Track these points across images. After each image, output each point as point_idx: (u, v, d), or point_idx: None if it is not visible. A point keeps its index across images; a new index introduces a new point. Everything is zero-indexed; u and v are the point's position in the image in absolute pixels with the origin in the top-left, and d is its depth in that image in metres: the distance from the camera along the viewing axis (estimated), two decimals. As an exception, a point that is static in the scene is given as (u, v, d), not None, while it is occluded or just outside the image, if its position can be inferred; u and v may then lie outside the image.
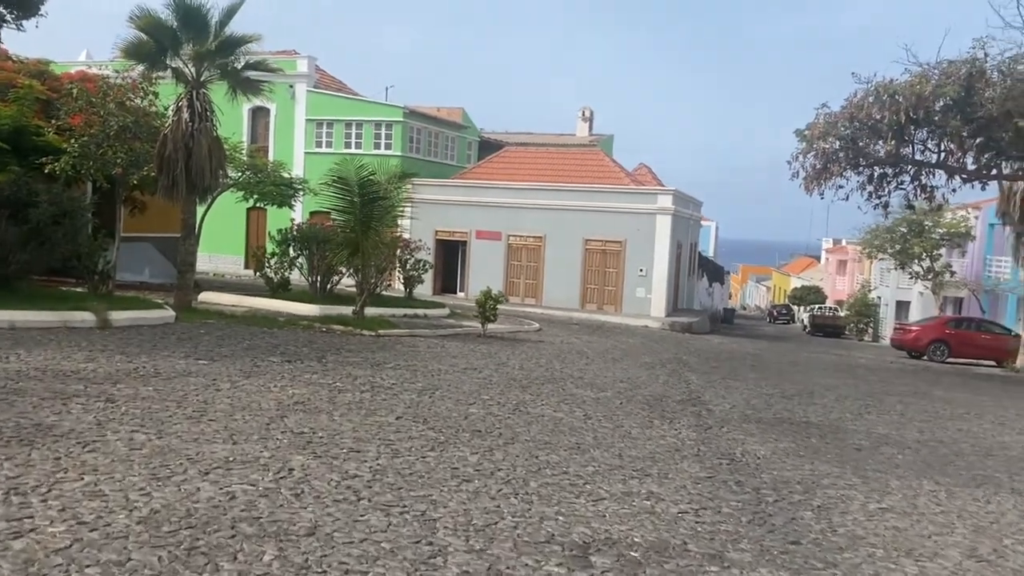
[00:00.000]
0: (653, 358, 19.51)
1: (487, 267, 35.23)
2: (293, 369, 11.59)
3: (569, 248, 34.53)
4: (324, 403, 9.24)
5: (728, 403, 13.01)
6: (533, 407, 10.47)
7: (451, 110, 44.55)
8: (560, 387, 12.75)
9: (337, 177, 17.60)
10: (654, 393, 13.22)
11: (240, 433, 7.36)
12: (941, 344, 31.00)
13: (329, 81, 43.42)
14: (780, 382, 17.11)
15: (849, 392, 16.55)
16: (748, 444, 9.50)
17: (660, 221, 34.08)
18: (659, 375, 15.94)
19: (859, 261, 57.99)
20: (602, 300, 34.68)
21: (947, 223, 41.24)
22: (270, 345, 14.04)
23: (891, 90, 19.92)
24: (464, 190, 36.45)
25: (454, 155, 42.93)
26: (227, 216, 35.73)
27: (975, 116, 19.65)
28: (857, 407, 14.20)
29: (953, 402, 16.58)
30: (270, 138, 40.71)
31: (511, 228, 35.42)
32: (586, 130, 50.54)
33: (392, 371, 12.48)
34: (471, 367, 13.99)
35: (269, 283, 22.70)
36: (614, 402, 11.81)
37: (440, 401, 10.13)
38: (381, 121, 38.94)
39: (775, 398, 14.27)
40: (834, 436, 10.87)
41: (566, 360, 16.86)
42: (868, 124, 20.61)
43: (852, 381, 19.07)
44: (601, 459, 7.85)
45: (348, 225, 18.15)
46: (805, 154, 22.73)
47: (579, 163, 38.72)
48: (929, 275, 42.57)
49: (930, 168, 23.36)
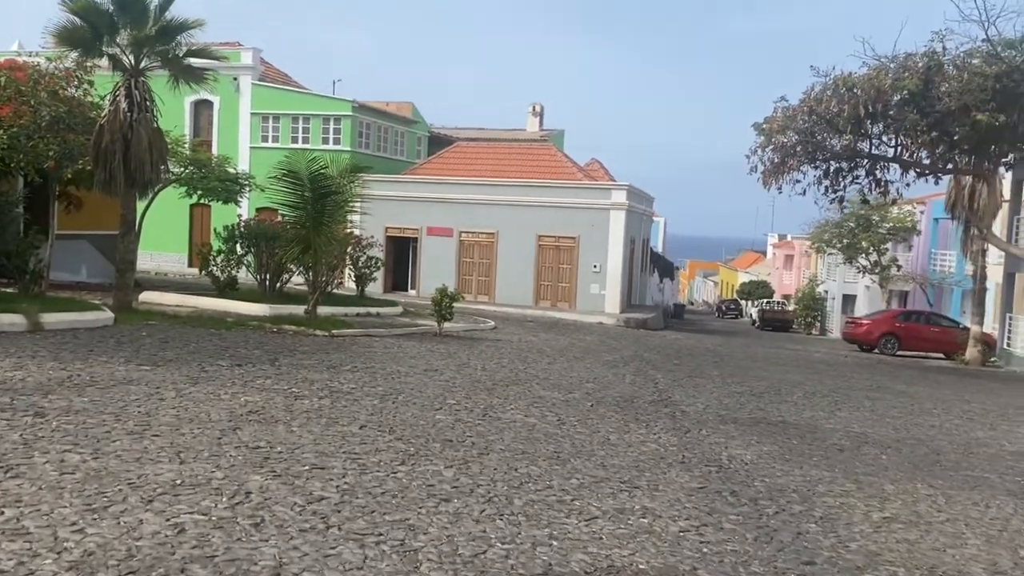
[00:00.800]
0: (614, 356, 19.08)
1: (439, 264, 34.54)
2: (244, 374, 10.81)
3: (522, 244, 34.00)
4: (280, 412, 8.52)
5: (700, 403, 12.58)
6: (502, 412, 9.88)
7: (400, 104, 43.67)
8: (527, 389, 12.18)
9: (287, 171, 16.75)
10: (623, 394, 12.74)
11: (188, 450, 6.62)
12: (892, 337, 31.23)
13: (275, 74, 42.22)
14: (745, 379, 16.80)
15: (815, 388, 16.32)
16: (732, 448, 9.04)
17: (614, 217, 33.73)
18: (624, 374, 15.48)
19: (808, 255, 58.55)
20: (556, 297, 34.23)
21: (894, 218, 41.71)
22: (218, 347, 13.21)
23: (850, 83, 19.76)
24: (415, 186, 35.67)
25: (404, 150, 42.07)
26: (169, 213, 34.44)
27: (932, 110, 19.60)
28: (827, 404, 13.92)
29: (917, 397, 16.45)
30: (214, 132, 39.39)
31: (463, 224, 34.75)
32: (536, 125, 50.02)
33: (350, 374, 11.78)
34: (432, 368, 13.34)
35: (215, 282, 21.71)
36: (584, 404, 11.28)
37: (404, 407, 9.48)
38: (329, 115, 37.92)
39: (745, 396, 13.91)
40: (813, 436, 10.50)
41: (527, 360, 16.31)
42: (826, 118, 20.44)
43: (815, 376, 18.88)
44: (584, 470, 7.29)
45: (299, 221, 17.32)
46: (763, 148, 22.51)
47: (531, 158, 38.19)
48: (876, 269, 43.05)
49: (885, 162, 23.35)
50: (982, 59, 19.60)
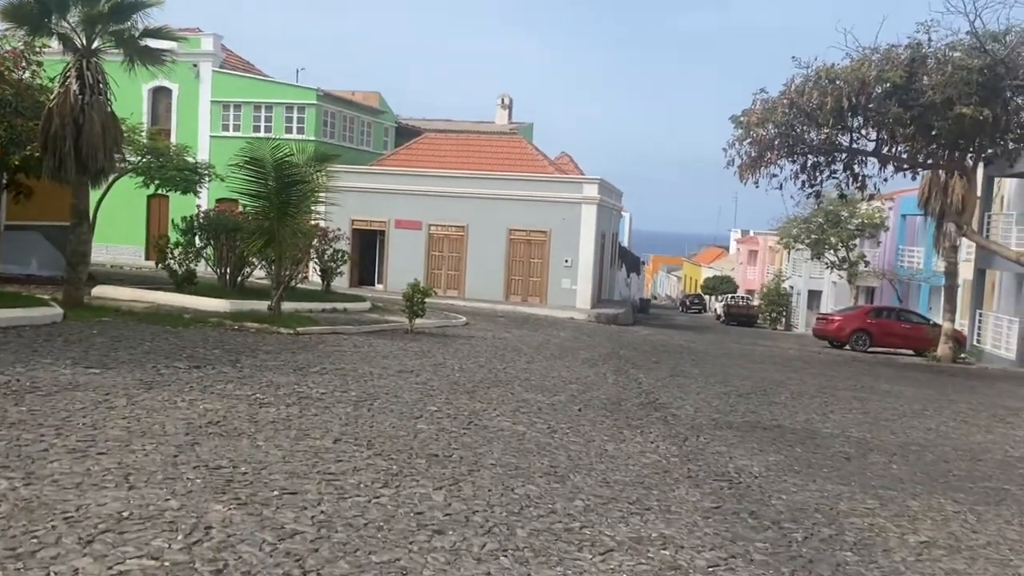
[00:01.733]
0: (591, 354, 18.43)
1: (407, 258, 33.66)
2: (204, 377, 9.93)
3: (492, 238, 33.24)
4: (244, 422, 7.69)
5: (689, 405, 11.95)
6: (487, 418, 9.14)
7: (367, 94, 42.59)
8: (509, 391, 11.45)
9: (250, 158, 15.78)
10: (609, 396, 12.06)
11: (139, 471, 5.78)
12: (863, 334, 30.98)
13: (236, 61, 40.93)
14: (727, 378, 16.24)
15: (800, 388, 15.81)
16: (736, 458, 8.40)
17: (586, 211, 33.11)
18: (605, 374, 14.82)
19: (776, 251, 58.48)
20: (526, 292, 33.53)
21: (863, 214, 41.63)
22: (175, 347, 12.29)
23: (832, 75, 19.27)
24: (382, 177, 34.68)
25: (370, 141, 41.05)
26: (125, 203, 33.14)
27: (914, 103, 19.18)
28: (817, 406, 13.39)
29: (903, 396, 16.02)
30: (172, 120, 38.07)
31: (432, 217, 33.89)
32: (506, 118, 49.27)
33: (319, 377, 10.95)
34: (406, 369, 12.55)
35: (173, 276, 20.65)
36: (572, 408, 10.58)
37: (381, 415, 8.69)
38: (293, 104, 36.79)
39: (732, 398, 13.33)
40: (814, 443, 9.91)
41: (505, 358, 15.58)
42: (807, 110, 19.94)
43: (795, 375, 18.41)
44: (587, 488, 6.58)
45: (262, 212, 16.37)
46: (741, 141, 21.97)
47: (502, 150, 37.42)
48: (844, 265, 42.97)
49: (864, 156, 22.97)
50: (965, 52, 19.23)
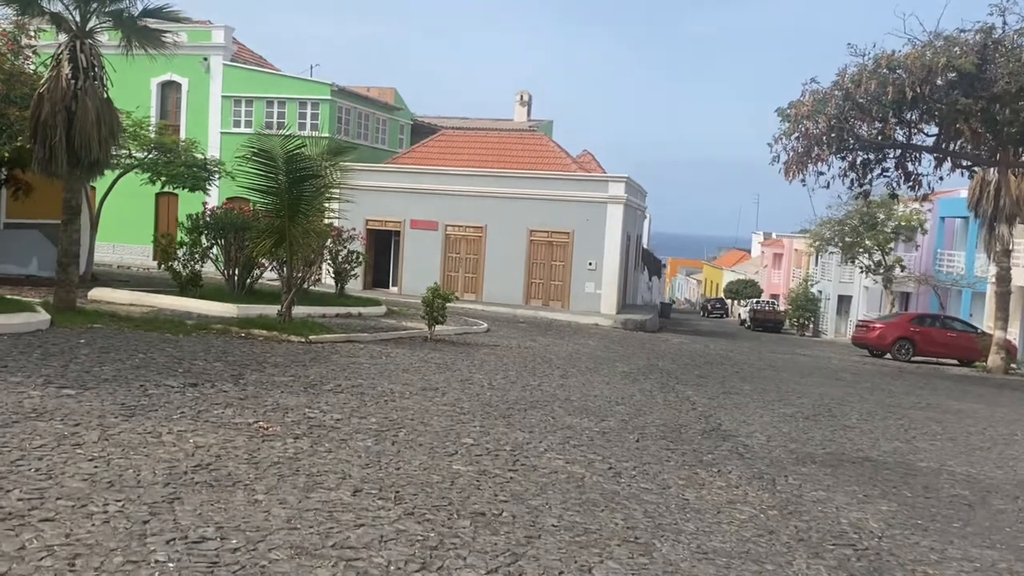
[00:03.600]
0: (628, 366, 16.91)
1: (422, 260, 32.25)
2: (199, 399, 8.47)
3: (512, 239, 31.77)
4: (242, 463, 6.20)
5: (757, 432, 10.41)
6: (534, 454, 7.63)
7: (382, 90, 41.23)
8: (550, 415, 9.94)
9: (259, 150, 14.33)
10: (665, 421, 10.53)
11: (90, 552, 4.28)
12: (906, 342, 29.33)
13: (248, 55, 39.62)
14: (783, 395, 14.69)
15: (864, 407, 14.23)
16: (843, 508, 6.86)
17: (611, 211, 31.56)
18: (651, 392, 13.28)
19: (803, 254, 56.67)
20: (548, 296, 32.02)
21: (900, 216, 39.88)
22: (171, 360, 10.84)
23: (894, 63, 17.65)
24: (398, 176, 33.27)
25: (386, 138, 39.64)
26: (133, 201, 31.95)
27: (983, 93, 17.55)
28: (895, 430, 11.82)
29: (979, 417, 14.42)
30: (182, 115, 36.77)
31: (449, 217, 32.46)
32: (524, 115, 47.71)
33: (333, 396, 9.46)
34: (430, 387, 11.06)
35: (176, 277, 19.26)
36: (627, 438, 9.06)
37: (408, 451, 7.18)
38: (306, 99, 35.43)
39: (799, 421, 11.77)
40: (918, 482, 8.36)
41: (536, 372, 14.07)
42: (864, 101, 18.33)
43: (851, 390, 16.82)
44: (682, 563, 5.06)
45: (272, 209, 14.93)
46: (788, 135, 20.36)
47: (522, 148, 35.91)
48: (880, 269, 41.24)
49: (922, 152, 21.33)
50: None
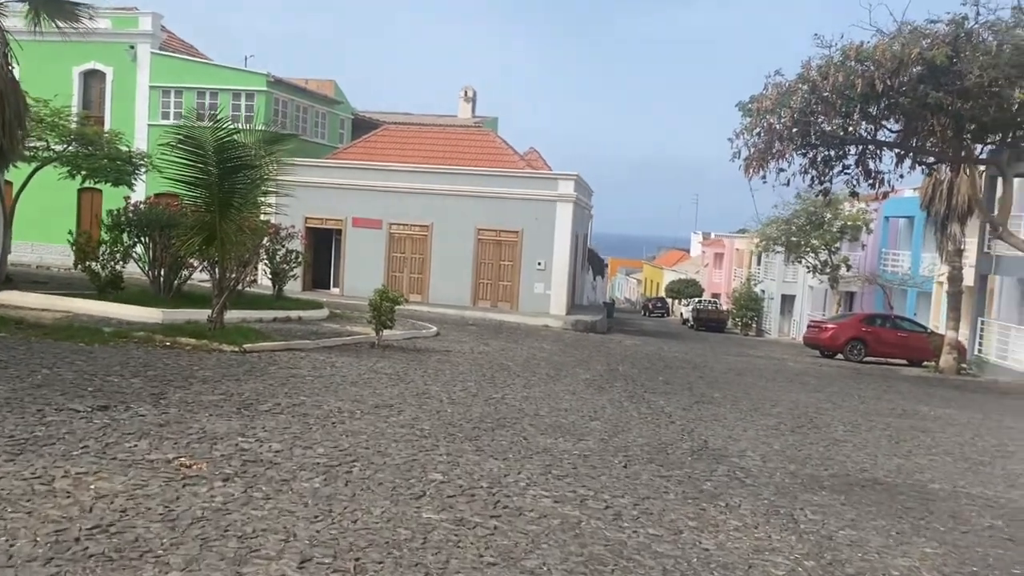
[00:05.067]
0: (589, 372, 15.88)
1: (366, 259, 30.87)
2: (108, 427, 7.08)
3: (459, 238, 30.59)
4: (155, 521, 4.88)
5: (750, 451, 9.40)
6: (515, 490, 6.44)
7: (321, 82, 39.50)
8: (521, 435, 8.77)
9: (185, 136, 12.83)
10: (648, 439, 9.45)
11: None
12: (858, 343, 29.03)
13: (178, 44, 37.55)
14: (756, 404, 13.79)
15: (845, 416, 13.42)
16: (883, 553, 5.84)
17: (561, 209, 30.60)
18: (622, 403, 12.22)
19: (751, 253, 56.56)
20: (496, 296, 30.91)
21: (847, 215, 39.78)
22: (80, 376, 9.36)
23: (863, 54, 16.93)
24: (339, 171, 31.76)
25: (325, 133, 38.00)
26: (54, 197, 29.81)
27: (953, 87, 16.94)
28: (887, 444, 10.96)
29: (958, 424, 13.74)
30: (106, 106, 34.63)
31: (393, 215, 31.12)
32: (469, 111, 46.46)
33: (271, 419, 8.14)
34: (383, 403, 9.79)
35: (95, 279, 17.56)
36: (612, 462, 7.94)
37: (366, 494, 5.92)
38: (241, 91, 33.61)
39: (786, 435, 10.83)
40: (943, 510, 7.43)
41: (496, 381, 12.90)
42: (830, 94, 17.59)
43: (821, 396, 16.05)
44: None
45: (201, 203, 13.44)
46: (750, 130, 19.54)
47: (468, 144, 34.69)
48: (826, 269, 41.11)
49: (882, 149, 20.75)
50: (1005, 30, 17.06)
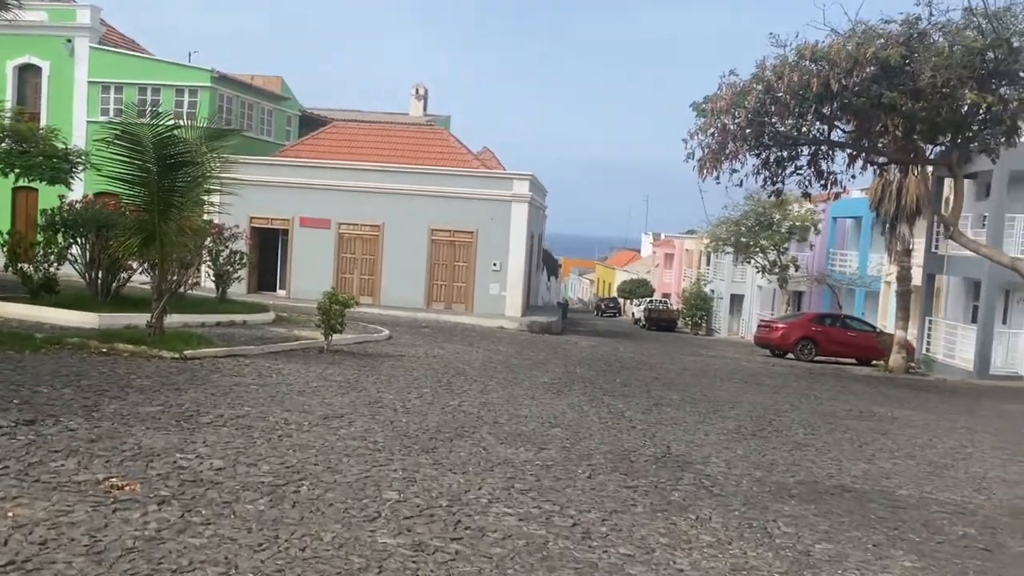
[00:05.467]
0: (548, 375, 15.55)
1: (314, 260, 30.18)
2: (34, 443, 6.50)
3: (412, 239, 30.06)
4: (78, 555, 4.36)
5: (714, 457, 9.13)
6: (477, 508, 6.04)
7: (268, 78, 38.62)
8: (480, 445, 8.37)
9: (123, 131, 12.17)
10: (610, 446, 9.12)
11: None
12: (809, 342, 29.21)
13: (118, 39, 36.34)
14: (714, 405, 13.61)
15: (801, 417, 13.31)
16: (862, 568, 5.58)
17: (516, 209, 30.27)
18: (582, 407, 11.90)
19: (701, 253, 56.91)
20: (450, 298, 30.46)
21: (796, 216, 40.15)
22: (6, 387, 8.72)
23: (819, 54, 16.89)
24: (286, 169, 30.99)
25: (272, 130, 37.11)
26: (-15, 197, 28.65)
27: (906, 87, 16.99)
28: (849, 448, 10.81)
29: (916, 425, 13.73)
30: (42, 102, 33.37)
31: (343, 215, 30.47)
32: (420, 109, 45.92)
33: (213, 433, 7.62)
34: (333, 413, 9.31)
35: (27, 282, 16.71)
36: (575, 472, 7.60)
37: (315, 516, 5.47)
38: (183, 86, 32.61)
39: (748, 439, 10.62)
40: (915, 519, 7.23)
41: (452, 387, 12.49)
42: (786, 94, 17.52)
43: (778, 397, 15.95)
44: None
45: (140, 202, 12.78)
46: (705, 131, 19.41)
47: (420, 142, 34.14)
48: (775, 269, 41.46)
49: (834, 150, 20.80)
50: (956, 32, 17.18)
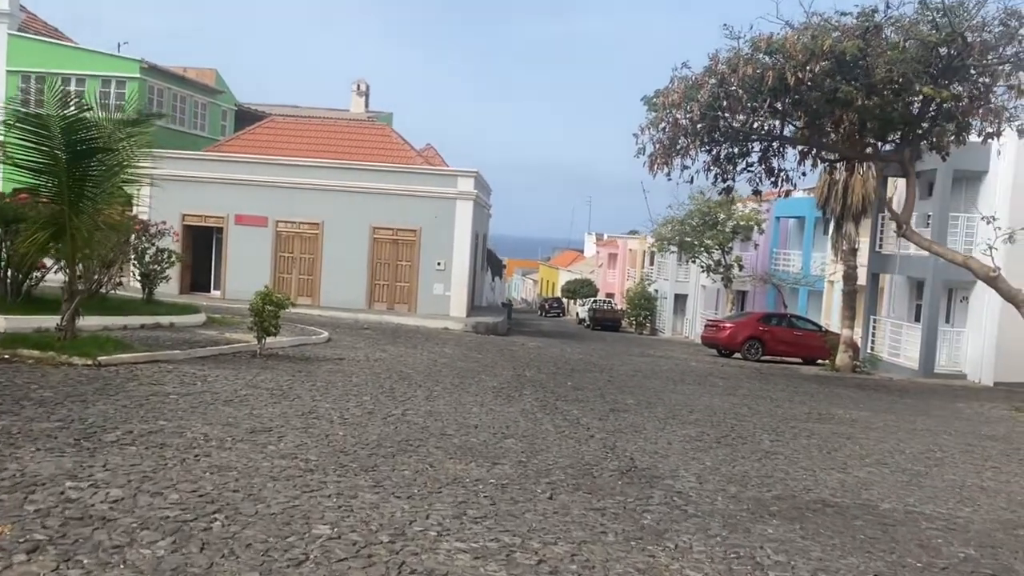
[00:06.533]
0: (496, 379, 14.73)
1: (250, 260, 28.89)
2: None
3: (353, 237, 29.02)
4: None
5: (682, 469, 8.41)
6: (425, 543, 5.17)
7: (201, 71, 37.08)
8: (427, 462, 7.50)
9: (27, 114, 10.96)
10: (570, 459, 8.33)
11: None
12: (756, 342, 29.03)
13: (40, 27, 34.49)
14: (671, 409, 12.98)
15: (764, 422, 12.74)
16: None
17: (461, 207, 29.43)
18: (535, 414, 11.10)
19: (645, 252, 56.69)
20: (393, 298, 29.47)
21: (741, 215, 40.03)
22: None
23: (773, 46, 16.39)
24: (220, 165, 29.65)
25: (206, 125, 35.60)
26: None
27: (862, 81, 16.60)
28: (818, 455, 10.23)
29: (878, 428, 13.29)
30: (-44, 91, 31.29)
31: (281, 213, 29.26)
32: (362, 105, 44.67)
33: (117, 453, 6.61)
34: (262, 426, 8.34)
35: (-73, 283, 15.27)
36: (536, 493, 6.78)
37: (227, 561, 4.53)
38: (111, 77, 31.03)
39: (714, 448, 9.94)
40: (907, 538, 6.60)
41: (395, 394, 11.58)
42: (741, 88, 17.00)
43: (734, 399, 15.42)
44: None
45: (48, 192, 11.57)
46: (656, 125, 18.80)
47: (362, 138, 33.10)
48: (720, 268, 41.31)
49: (785, 146, 20.41)
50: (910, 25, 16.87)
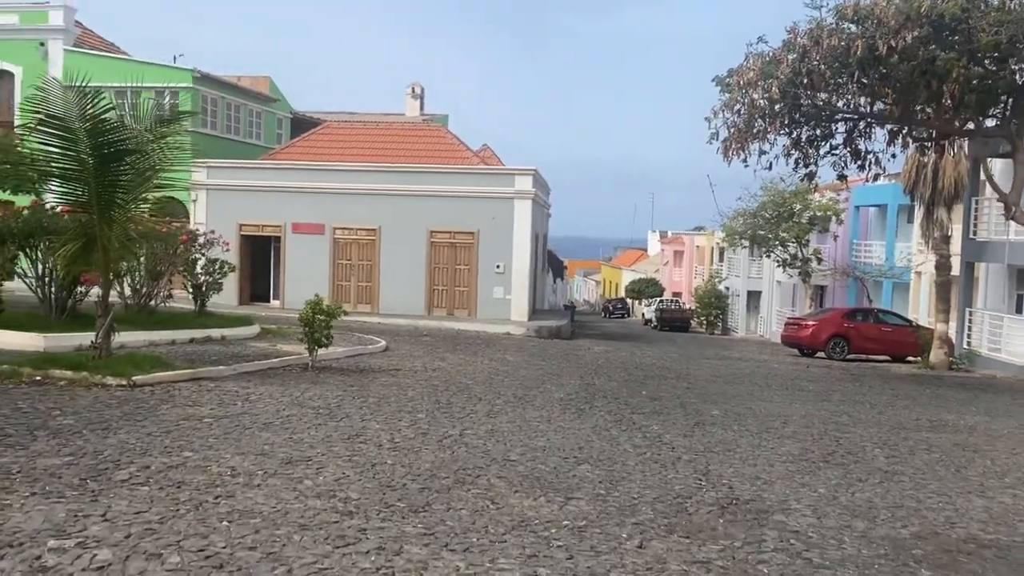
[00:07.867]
0: (562, 389, 13.49)
1: (308, 268, 28.21)
2: None
3: (411, 242, 28.11)
4: None
5: (793, 501, 7.04)
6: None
7: (256, 79, 36.67)
8: (487, 498, 6.29)
9: (47, 114, 10.13)
10: (657, 492, 7.03)
11: None
12: (841, 340, 27.15)
13: (95, 41, 34.45)
14: (762, 421, 11.52)
15: (869, 432, 11.21)
16: None
17: (519, 207, 28.26)
18: (610, 431, 9.81)
19: (717, 247, 54.75)
20: (452, 304, 28.47)
21: (818, 205, 37.93)
22: None
23: (861, 13, 14.79)
24: (276, 173, 29.05)
25: (261, 133, 35.13)
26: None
27: (962, 48, 14.88)
28: (945, 474, 8.72)
29: (1001, 436, 11.63)
30: (15, 108, 31.33)
31: (337, 219, 28.53)
32: (417, 109, 43.87)
33: (123, 498, 5.56)
34: (300, 456, 7.25)
35: (-34, 301, 14.71)
36: (623, 539, 5.52)
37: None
38: (164, 88, 30.54)
39: (825, 471, 8.51)
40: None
41: (453, 410, 10.42)
42: (824, 63, 15.42)
43: (830, 406, 13.85)
44: None
45: (76, 201, 10.75)
46: (730, 107, 17.32)
47: (417, 141, 32.17)
48: (797, 262, 39.23)
49: (870, 126, 18.71)
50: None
